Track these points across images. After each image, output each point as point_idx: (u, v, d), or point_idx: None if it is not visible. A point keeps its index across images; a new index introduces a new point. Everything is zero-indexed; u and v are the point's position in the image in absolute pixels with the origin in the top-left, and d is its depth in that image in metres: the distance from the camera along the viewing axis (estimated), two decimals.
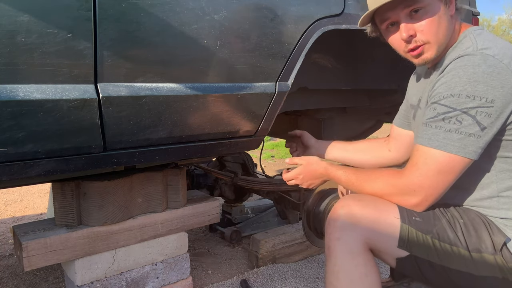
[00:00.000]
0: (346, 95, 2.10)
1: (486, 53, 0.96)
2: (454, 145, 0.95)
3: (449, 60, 1.01)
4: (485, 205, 1.06)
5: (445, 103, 0.97)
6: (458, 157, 0.96)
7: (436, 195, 1.00)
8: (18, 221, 2.76)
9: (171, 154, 1.26)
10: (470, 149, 0.95)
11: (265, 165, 4.39)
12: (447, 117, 0.96)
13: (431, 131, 0.99)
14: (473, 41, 1.02)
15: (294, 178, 1.33)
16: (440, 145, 0.97)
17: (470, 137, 0.94)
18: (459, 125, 0.95)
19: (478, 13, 2.07)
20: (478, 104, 0.93)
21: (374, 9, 1.04)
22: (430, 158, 0.98)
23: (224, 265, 2.08)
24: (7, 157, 0.96)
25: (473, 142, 0.95)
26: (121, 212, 1.43)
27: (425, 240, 1.01)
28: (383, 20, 1.08)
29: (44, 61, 0.94)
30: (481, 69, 0.94)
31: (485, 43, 0.99)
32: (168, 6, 1.09)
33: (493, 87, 0.93)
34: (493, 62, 0.94)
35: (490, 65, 0.94)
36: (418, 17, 1.03)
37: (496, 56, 0.95)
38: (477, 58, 0.96)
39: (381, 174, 1.10)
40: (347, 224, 1.03)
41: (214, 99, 1.25)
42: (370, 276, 1.02)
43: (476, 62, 0.95)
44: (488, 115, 0.93)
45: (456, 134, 0.95)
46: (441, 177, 0.98)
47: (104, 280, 1.42)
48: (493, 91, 0.93)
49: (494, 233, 1.00)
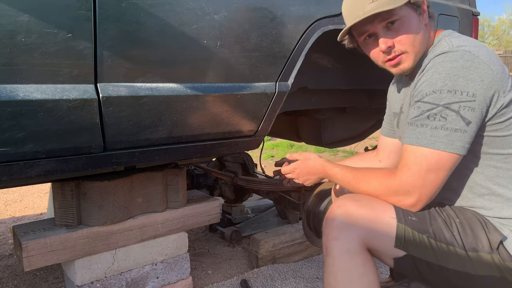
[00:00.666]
0: (346, 95, 2.10)
1: (463, 49, 0.99)
2: (442, 142, 0.96)
3: (427, 60, 1.04)
4: (478, 205, 1.06)
5: (428, 100, 0.99)
6: (446, 153, 0.96)
7: (430, 193, 1.00)
8: (18, 221, 2.76)
9: (171, 154, 1.26)
10: (457, 145, 0.96)
11: (265, 165, 4.39)
12: (431, 114, 0.98)
13: (418, 130, 1.00)
14: (448, 42, 1.05)
15: (291, 172, 1.33)
16: (428, 143, 0.97)
17: (457, 133, 0.96)
18: (444, 122, 0.96)
19: (478, 13, 2.07)
20: (460, 98, 0.95)
21: (352, 24, 1.06)
22: (420, 157, 0.99)
23: (224, 265, 2.08)
24: (7, 157, 0.96)
25: (460, 137, 0.96)
26: (121, 212, 1.43)
27: (421, 240, 1.01)
28: (361, 33, 1.11)
29: (44, 61, 0.94)
30: (459, 64, 0.96)
31: (459, 41, 1.03)
32: (168, 6, 1.09)
33: (473, 80, 0.95)
34: (470, 57, 0.97)
35: (467, 60, 0.97)
36: (395, 28, 1.05)
37: (472, 52, 0.98)
38: (454, 54, 0.98)
39: (377, 174, 1.10)
40: (344, 224, 1.03)
41: (214, 99, 1.25)
42: (368, 276, 1.02)
43: (454, 57, 0.98)
44: (471, 109, 0.95)
45: (443, 130, 0.96)
46: (433, 175, 0.98)
47: (104, 280, 1.42)
48: (473, 85, 0.95)
49: (490, 232, 1.01)
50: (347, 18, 1.11)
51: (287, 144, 5.50)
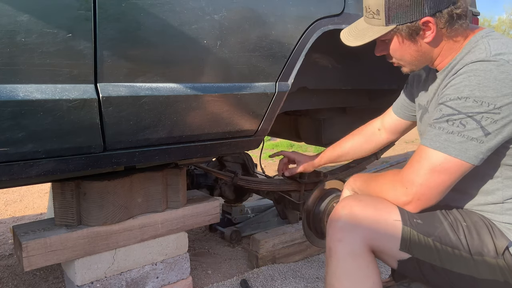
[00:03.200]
0: (346, 95, 2.10)
1: (501, 58, 0.94)
2: (455, 148, 0.94)
3: (461, 64, 1.00)
4: (488, 210, 1.05)
5: (451, 105, 0.96)
6: (457, 160, 0.94)
7: (429, 195, 0.98)
8: (18, 221, 2.76)
9: (171, 154, 1.26)
10: (470, 154, 0.94)
11: (265, 165, 4.39)
12: (451, 119, 0.96)
13: (434, 132, 0.98)
14: (486, 45, 0.99)
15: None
16: (441, 147, 0.96)
17: (472, 141, 0.93)
18: (463, 128, 0.94)
19: (478, 13, 2.07)
20: (485, 110, 0.92)
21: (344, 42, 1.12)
22: (425, 157, 0.98)
23: (224, 265, 2.08)
24: (7, 157, 0.96)
25: (475, 147, 0.93)
26: (121, 212, 1.43)
27: (427, 243, 1.00)
28: None
29: (44, 61, 0.94)
30: (493, 75, 0.92)
31: (499, 47, 0.97)
32: (168, 6, 1.09)
33: (504, 94, 0.91)
34: (507, 69, 0.92)
35: (503, 71, 0.92)
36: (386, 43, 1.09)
37: (510, 62, 0.93)
38: (490, 64, 0.94)
39: (386, 173, 1.11)
40: (349, 225, 1.02)
41: (214, 99, 1.25)
42: (371, 278, 1.01)
43: (489, 67, 0.93)
44: (494, 121, 0.92)
45: (458, 136, 0.94)
46: (434, 177, 0.96)
47: (104, 280, 1.42)
48: (503, 99, 0.91)
49: (496, 237, 1.00)
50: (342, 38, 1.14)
51: (287, 144, 5.50)
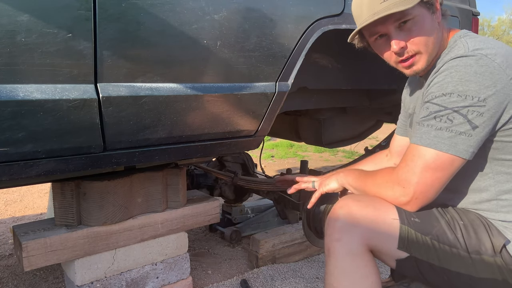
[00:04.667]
0: (346, 95, 2.10)
1: (479, 52, 0.97)
2: (445, 143, 0.95)
3: (442, 63, 1.02)
4: (483, 208, 1.05)
5: (437, 102, 0.98)
6: (448, 155, 0.96)
7: (426, 193, 0.99)
8: (18, 221, 2.76)
9: (171, 154, 1.26)
10: (460, 148, 0.95)
11: (265, 165, 4.39)
12: (438, 116, 0.97)
13: (423, 129, 1.00)
14: (464, 44, 1.02)
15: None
16: (431, 143, 0.97)
17: (461, 136, 0.95)
18: (450, 124, 0.95)
19: (478, 13, 2.07)
20: (470, 103, 0.94)
21: (364, 25, 1.04)
22: (418, 155, 0.98)
23: (224, 265, 2.08)
24: (7, 157, 0.96)
25: (464, 141, 0.95)
26: (121, 212, 1.43)
27: (424, 242, 1.01)
28: (372, 33, 1.08)
29: (44, 61, 0.94)
30: (473, 69, 0.95)
31: (476, 44, 1.00)
32: (168, 6, 1.09)
33: (486, 86, 0.93)
34: (486, 62, 0.95)
35: (482, 65, 0.95)
36: (407, 28, 1.03)
37: (488, 56, 0.96)
38: (469, 59, 0.96)
39: (380, 171, 1.11)
40: (347, 225, 1.03)
41: (214, 99, 1.25)
42: (370, 277, 1.01)
43: (468, 62, 0.96)
44: (480, 114, 0.94)
45: (447, 132, 0.95)
46: (429, 174, 0.97)
47: (104, 280, 1.42)
48: (486, 91, 0.93)
49: (493, 235, 1.00)
50: (357, 18, 1.09)
51: (287, 144, 5.50)
